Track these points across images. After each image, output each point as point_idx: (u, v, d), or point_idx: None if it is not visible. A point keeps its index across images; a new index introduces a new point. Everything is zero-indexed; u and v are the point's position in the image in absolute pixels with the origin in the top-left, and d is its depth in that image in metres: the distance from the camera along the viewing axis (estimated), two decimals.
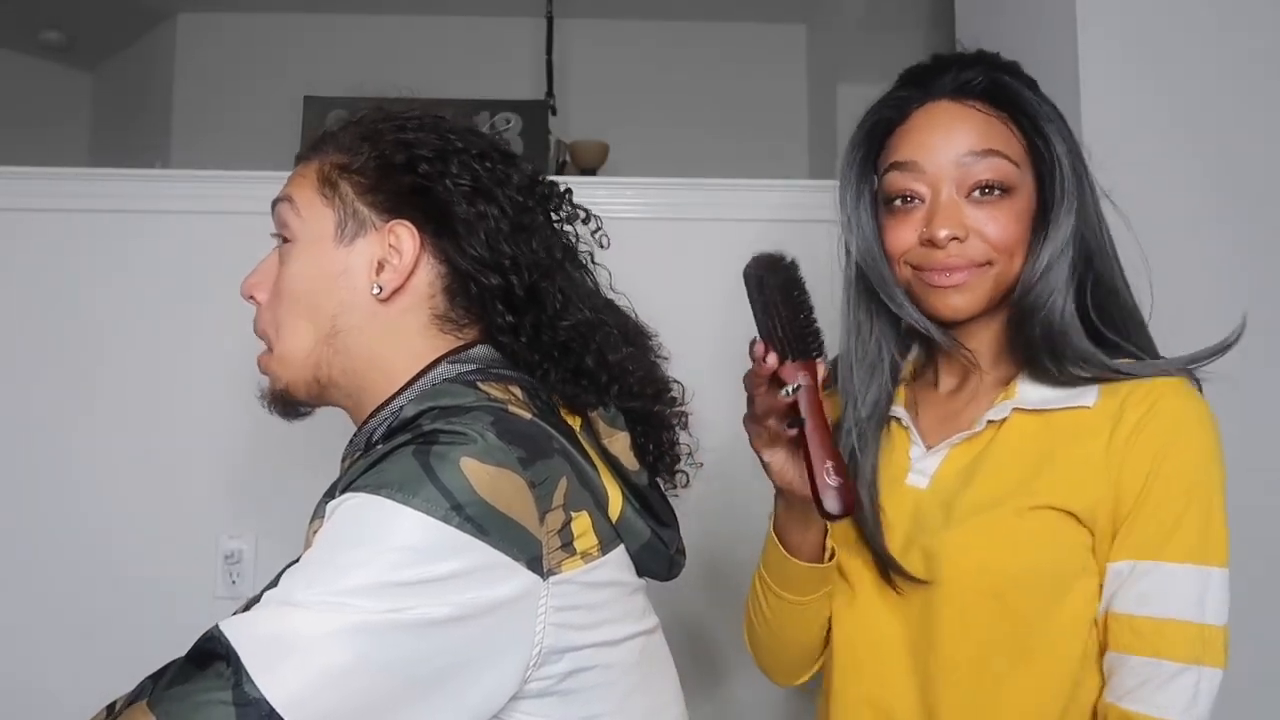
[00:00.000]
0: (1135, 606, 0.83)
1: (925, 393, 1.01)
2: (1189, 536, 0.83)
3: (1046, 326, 0.90)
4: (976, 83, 0.92)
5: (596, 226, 0.91)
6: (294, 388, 0.84)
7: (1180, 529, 0.83)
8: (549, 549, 0.69)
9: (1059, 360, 0.89)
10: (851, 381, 0.98)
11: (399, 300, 0.81)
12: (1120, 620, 0.84)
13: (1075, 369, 0.89)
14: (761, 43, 3.61)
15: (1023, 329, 0.92)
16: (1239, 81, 1.40)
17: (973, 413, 0.94)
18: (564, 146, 2.95)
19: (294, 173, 0.86)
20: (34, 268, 1.65)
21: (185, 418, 1.64)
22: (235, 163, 1.73)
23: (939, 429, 0.96)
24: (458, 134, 0.84)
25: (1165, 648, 0.81)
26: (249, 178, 1.66)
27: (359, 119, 0.86)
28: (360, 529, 0.65)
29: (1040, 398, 0.90)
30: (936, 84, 0.93)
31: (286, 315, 0.83)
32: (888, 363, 0.99)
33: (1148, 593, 0.83)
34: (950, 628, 0.88)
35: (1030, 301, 0.91)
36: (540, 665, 0.69)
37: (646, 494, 0.83)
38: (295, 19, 3.54)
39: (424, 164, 0.81)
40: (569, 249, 0.88)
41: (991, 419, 0.91)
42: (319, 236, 0.82)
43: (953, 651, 0.88)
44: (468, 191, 0.81)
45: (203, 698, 0.60)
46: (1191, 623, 0.81)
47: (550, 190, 0.89)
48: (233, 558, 1.61)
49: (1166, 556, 0.83)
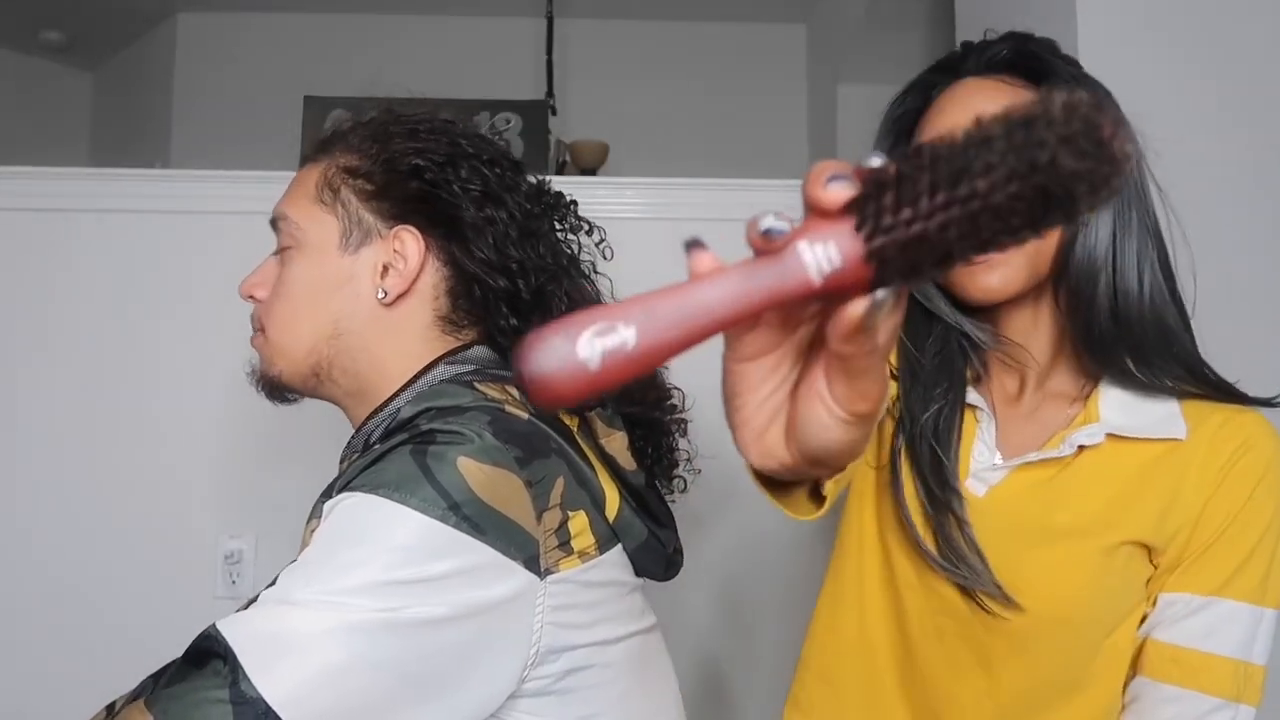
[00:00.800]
0: (1183, 638, 0.80)
1: (989, 398, 0.91)
2: (1253, 577, 0.80)
3: (1118, 312, 0.80)
4: (1002, 56, 0.86)
5: (600, 238, 0.92)
6: (288, 377, 0.84)
7: (1246, 569, 0.80)
8: (546, 548, 0.69)
9: (1144, 359, 0.80)
10: (910, 380, 0.88)
11: (403, 303, 0.81)
12: (1162, 649, 0.81)
13: (1161, 374, 0.80)
14: (761, 43, 3.61)
15: (1081, 315, 0.81)
16: (1239, 75, 1.40)
17: (1047, 421, 0.86)
18: (564, 146, 2.95)
19: (294, 180, 0.86)
20: (34, 268, 1.65)
21: (185, 418, 1.64)
22: (235, 163, 1.73)
23: (1011, 436, 0.87)
24: (468, 139, 0.85)
25: (1208, 683, 0.79)
26: (249, 178, 1.66)
27: (368, 120, 0.86)
28: (358, 528, 0.65)
29: (1132, 424, 0.82)
30: (962, 66, 0.87)
31: (287, 315, 0.83)
32: (955, 349, 0.89)
33: (1201, 628, 0.80)
34: (1011, 655, 0.83)
35: (1085, 276, 0.80)
36: (538, 664, 0.69)
37: (644, 494, 0.83)
38: (295, 19, 3.54)
39: (433, 170, 0.81)
40: (573, 257, 0.89)
41: (1083, 444, 0.82)
42: (322, 244, 0.82)
43: (1010, 681, 0.83)
44: (477, 196, 0.81)
45: (200, 696, 0.60)
46: (1239, 661, 0.79)
47: (557, 200, 0.90)
48: (233, 558, 1.61)
49: (1227, 594, 0.80)
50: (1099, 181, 0.30)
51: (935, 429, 0.85)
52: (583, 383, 0.33)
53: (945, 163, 0.32)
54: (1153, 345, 0.81)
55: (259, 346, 0.86)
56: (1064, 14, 1.42)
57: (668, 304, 0.34)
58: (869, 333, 0.34)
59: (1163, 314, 0.81)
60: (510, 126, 2.54)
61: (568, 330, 0.33)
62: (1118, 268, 0.80)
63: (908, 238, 0.32)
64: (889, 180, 0.33)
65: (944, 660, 0.86)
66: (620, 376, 0.33)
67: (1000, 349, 0.87)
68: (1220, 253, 1.33)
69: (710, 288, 0.34)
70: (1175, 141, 1.35)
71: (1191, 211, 0.87)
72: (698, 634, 1.67)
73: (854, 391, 0.37)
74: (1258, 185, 1.39)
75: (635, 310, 0.34)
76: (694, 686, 1.65)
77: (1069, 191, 0.30)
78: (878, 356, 0.36)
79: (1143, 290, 0.80)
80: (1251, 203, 1.38)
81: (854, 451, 0.40)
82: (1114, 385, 0.83)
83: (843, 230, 0.33)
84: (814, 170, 0.34)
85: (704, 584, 1.66)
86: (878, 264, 0.33)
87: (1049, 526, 0.83)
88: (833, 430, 0.38)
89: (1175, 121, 1.38)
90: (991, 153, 0.31)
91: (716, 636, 1.67)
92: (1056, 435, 0.84)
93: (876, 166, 0.33)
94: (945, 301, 0.88)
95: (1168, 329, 0.82)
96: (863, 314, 0.34)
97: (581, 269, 0.90)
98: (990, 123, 0.31)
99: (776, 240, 0.34)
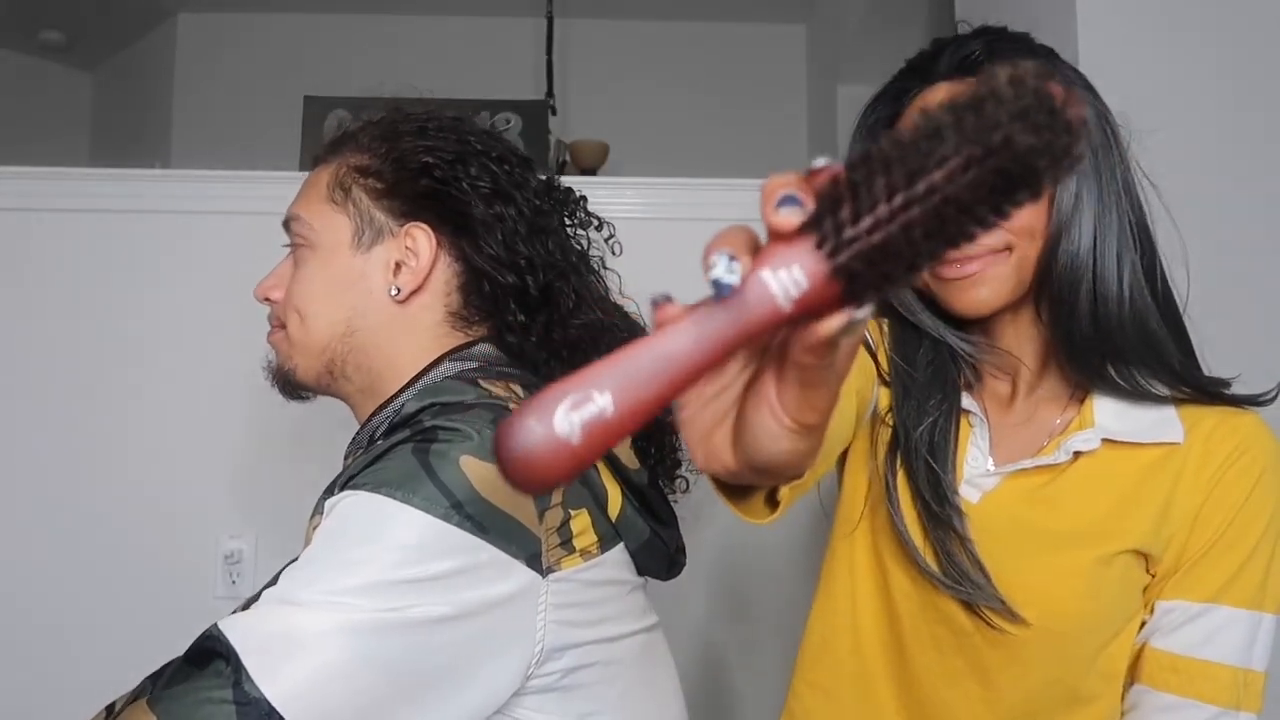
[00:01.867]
0: (1181, 646, 0.79)
1: (983, 404, 0.89)
2: (1251, 581, 0.79)
3: (1099, 317, 0.78)
4: (975, 56, 0.83)
5: (610, 234, 0.92)
6: (302, 372, 0.85)
7: (1243, 574, 0.78)
8: (548, 546, 0.69)
9: (1127, 366, 0.79)
10: (903, 394, 0.86)
11: (416, 299, 0.82)
12: (1159, 656, 0.80)
13: (1148, 379, 0.79)
14: (761, 43, 3.61)
15: (1062, 322, 0.79)
16: (1239, 72, 1.40)
17: (1041, 427, 0.84)
18: (564, 146, 2.94)
19: (306, 181, 0.86)
20: (34, 268, 1.65)
21: (186, 418, 1.64)
22: (235, 163, 1.73)
23: (1005, 441, 0.85)
24: (477, 136, 0.85)
25: (1208, 691, 0.77)
26: (249, 178, 1.66)
27: (378, 119, 0.86)
28: (360, 527, 0.65)
29: (1128, 428, 0.80)
30: (934, 69, 0.85)
31: (303, 313, 0.83)
32: (947, 358, 0.87)
33: (1199, 635, 0.79)
34: (1008, 664, 0.81)
35: (1068, 281, 0.77)
36: (543, 662, 0.69)
37: (646, 492, 0.83)
38: (295, 19, 3.54)
39: (442, 167, 0.81)
40: (582, 253, 0.89)
41: (1078, 450, 0.81)
42: (335, 244, 0.82)
43: (1009, 690, 0.82)
44: (487, 193, 0.81)
45: (203, 696, 0.60)
46: (1238, 668, 0.78)
47: (566, 196, 0.90)
48: (233, 558, 1.61)
49: (1225, 600, 0.78)
50: (1059, 153, 0.29)
51: (930, 442, 0.83)
52: (566, 459, 0.31)
53: (899, 163, 0.30)
54: (1134, 350, 0.79)
55: (277, 343, 0.86)
56: (1064, 13, 1.42)
57: (639, 361, 0.32)
58: (835, 347, 0.34)
59: (1144, 317, 0.79)
60: (510, 126, 2.54)
61: (540, 409, 0.31)
62: (1098, 272, 0.78)
63: (872, 247, 0.31)
64: (843, 191, 0.31)
65: (940, 670, 0.85)
66: (605, 445, 0.32)
67: (987, 359, 0.85)
68: (1218, 248, 1.33)
69: (680, 336, 0.33)
70: (1175, 141, 1.36)
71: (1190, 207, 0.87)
72: (699, 633, 1.67)
73: (804, 402, 0.36)
74: (1257, 182, 1.39)
75: (607, 374, 0.32)
76: (695, 685, 1.65)
77: (1030, 167, 0.29)
78: (835, 371, 0.35)
79: (1123, 293, 0.78)
80: (1251, 198, 1.38)
81: (799, 464, 0.39)
82: (1105, 393, 0.82)
83: (804, 250, 0.32)
84: (765, 189, 0.32)
85: (706, 583, 1.66)
86: (846, 279, 0.31)
87: (1044, 534, 0.81)
88: (780, 440, 0.37)
89: (1175, 120, 1.38)
90: (944, 144, 0.29)
91: (718, 635, 1.67)
92: (1051, 441, 0.83)
93: (829, 178, 0.32)
94: (928, 315, 0.86)
95: (1149, 333, 0.80)
96: (836, 331, 0.33)
97: (591, 265, 0.90)
98: (938, 112, 0.30)
99: (726, 295, 0.32)
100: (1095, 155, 0.80)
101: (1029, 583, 0.80)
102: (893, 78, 0.89)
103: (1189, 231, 0.88)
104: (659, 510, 0.85)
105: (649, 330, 0.87)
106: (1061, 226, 0.78)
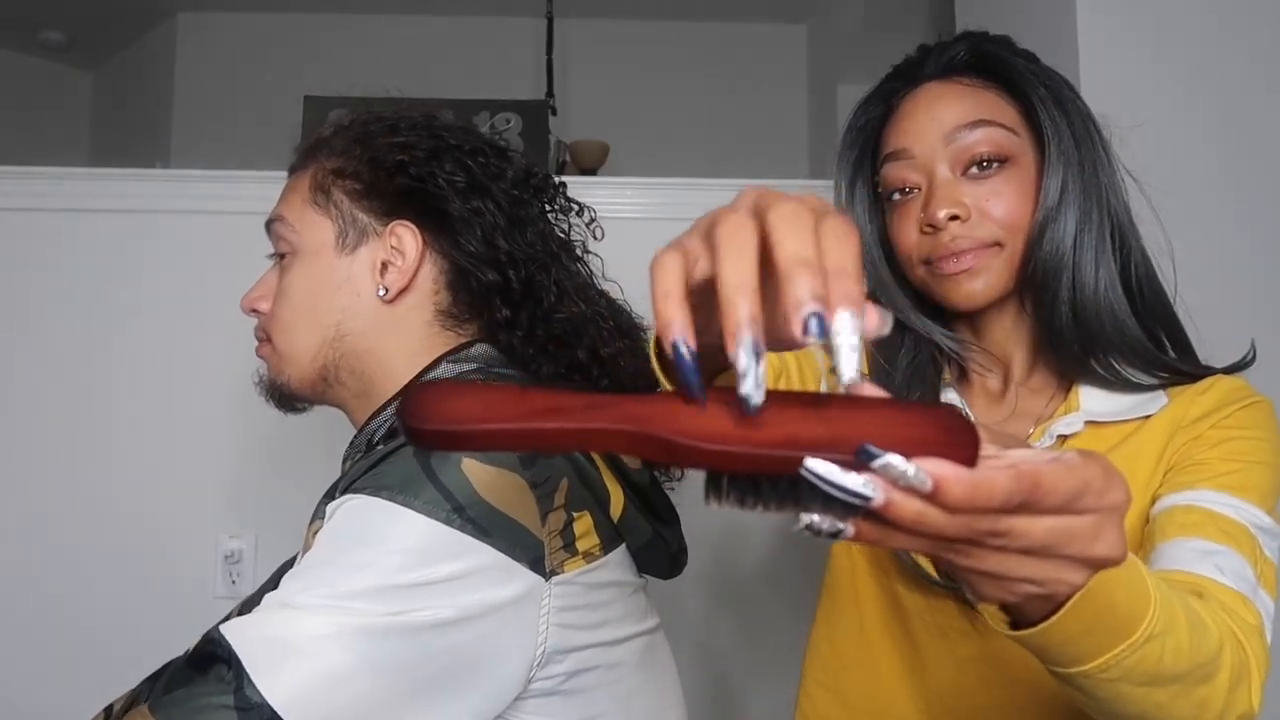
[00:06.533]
0: (1193, 500, 0.74)
1: (970, 399, 0.90)
2: (1261, 485, 0.74)
3: (1077, 308, 0.80)
4: (960, 58, 0.86)
5: (591, 218, 0.91)
6: (296, 383, 0.84)
7: (1248, 473, 0.74)
8: (551, 549, 0.68)
9: (1104, 356, 0.80)
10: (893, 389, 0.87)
11: (405, 299, 0.81)
12: (1173, 513, 0.74)
13: (1125, 367, 0.80)
14: (761, 43, 3.61)
15: (1044, 313, 0.82)
16: (1241, 71, 1.40)
17: (1029, 416, 0.86)
18: (564, 146, 2.94)
19: (286, 186, 0.86)
20: (34, 268, 1.65)
21: (185, 418, 1.64)
22: (235, 163, 1.73)
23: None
24: (450, 132, 0.84)
25: (1221, 537, 0.71)
26: (249, 178, 1.66)
27: (350, 123, 0.86)
28: (361, 531, 0.65)
29: (1109, 409, 0.81)
30: (920, 71, 0.87)
31: (291, 321, 0.83)
32: (926, 356, 0.89)
33: (1209, 501, 0.73)
34: (1021, 651, 0.82)
35: (1050, 273, 0.80)
36: (545, 665, 0.68)
37: (648, 492, 0.83)
38: (295, 19, 3.54)
39: (417, 164, 0.81)
40: (564, 242, 0.88)
41: (1062, 433, 0.81)
42: (319, 247, 0.81)
43: (1026, 674, 0.79)
44: (463, 188, 0.81)
45: (204, 702, 0.60)
46: (1245, 526, 0.71)
47: (545, 183, 0.89)
48: (233, 558, 1.61)
49: (1202, 487, 0.74)
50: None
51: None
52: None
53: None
54: (1110, 340, 0.81)
55: (266, 356, 0.86)
56: (1064, 14, 1.42)
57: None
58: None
59: (1115, 310, 0.81)
60: (510, 126, 2.53)
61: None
62: (1078, 262, 0.81)
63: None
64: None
65: (952, 659, 0.85)
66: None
67: (971, 356, 0.87)
68: (1217, 245, 1.33)
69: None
70: (1175, 140, 1.36)
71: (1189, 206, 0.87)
72: (700, 633, 1.66)
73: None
74: (1256, 181, 1.39)
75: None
76: (697, 685, 1.65)
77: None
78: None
79: (1098, 284, 0.81)
80: (1250, 196, 1.38)
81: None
82: (1089, 382, 0.83)
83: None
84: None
85: (707, 583, 1.66)
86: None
87: None
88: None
89: (1175, 120, 1.38)
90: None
91: (719, 635, 1.67)
92: (1038, 428, 0.84)
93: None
94: (915, 312, 0.87)
95: (1121, 323, 0.81)
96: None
97: (573, 252, 0.89)
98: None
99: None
100: (1079, 152, 0.83)
101: None
102: (881, 80, 0.92)
103: (1185, 229, 0.89)
104: (661, 509, 0.85)
105: (633, 318, 0.83)
106: (1046, 220, 0.81)
